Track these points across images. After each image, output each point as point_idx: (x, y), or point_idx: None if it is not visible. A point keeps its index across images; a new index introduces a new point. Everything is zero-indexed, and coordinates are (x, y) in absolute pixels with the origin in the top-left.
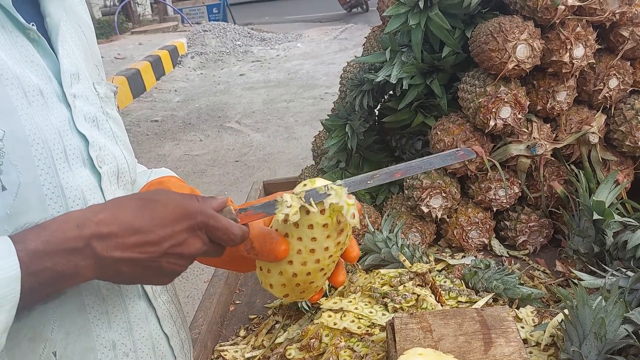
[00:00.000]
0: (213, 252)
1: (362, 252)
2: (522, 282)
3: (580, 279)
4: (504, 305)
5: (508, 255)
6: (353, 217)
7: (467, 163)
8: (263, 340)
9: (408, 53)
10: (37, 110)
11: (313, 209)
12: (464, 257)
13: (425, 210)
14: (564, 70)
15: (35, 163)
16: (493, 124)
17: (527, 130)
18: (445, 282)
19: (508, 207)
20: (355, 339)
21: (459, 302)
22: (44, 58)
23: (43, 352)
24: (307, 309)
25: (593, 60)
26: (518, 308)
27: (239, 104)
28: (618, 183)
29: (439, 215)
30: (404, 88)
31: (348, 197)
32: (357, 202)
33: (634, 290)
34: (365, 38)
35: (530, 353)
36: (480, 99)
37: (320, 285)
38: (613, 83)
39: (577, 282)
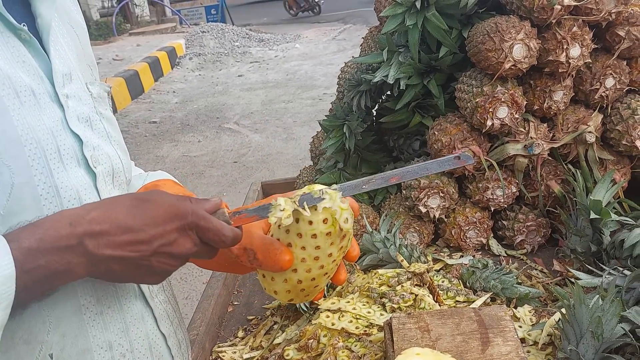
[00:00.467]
0: (204, 253)
1: (360, 252)
2: (519, 281)
3: (578, 278)
4: (502, 305)
5: (506, 255)
6: (346, 221)
7: None
8: (261, 341)
9: (405, 53)
10: (29, 111)
11: (306, 213)
12: (462, 256)
13: (423, 210)
14: (561, 70)
15: (30, 163)
16: (490, 124)
17: (524, 130)
18: (443, 281)
19: (506, 206)
20: (353, 339)
21: (457, 301)
22: (36, 58)
23: (39, 354)
24: (305, 310)
25: (589, 60)
26: (516, 307)
27: (238, 105)
28: (615, 182)
29: (437, 215)
30: (402, 88)
31: (342, 201)
32: (354, 203)
33: (631, 289)
34: (363, 38)
35: (528, 352)
36: (478, 99)
37: (324, 286)
38: (609, 82)
39: (574, 281)
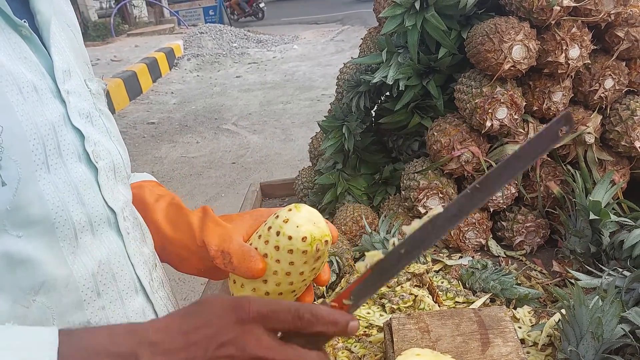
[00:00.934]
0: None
1: (359, 253)
2: (519, 282)
3: (577, 279)
4: (501, 306)
5: (505, 256)
6: (324, 244)
7: (463, 164)
8: None
9: (404, 54)
10: (32, 107)
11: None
12: (461, 257)
13: (423, 211)
14: (560, 71)
15: (32, 158)
16: (489, 125)
17: (523, 131)
18: (443, 282)
19: (505, 207)
20: (353, 340)
21: (457, 302)
22: (37, 55)
23: None
24: None
25: (588, 61)
26: (515, 308)
27: (236, 106)
28: (614, 183)
29: None
30: (401, 89)
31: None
32: (335, 230)
33: (631, 290)
34: (362, 39)
35: (528, 353)
36: (477, 100)
37: None
38: (609, 83)
39: (573, 282)
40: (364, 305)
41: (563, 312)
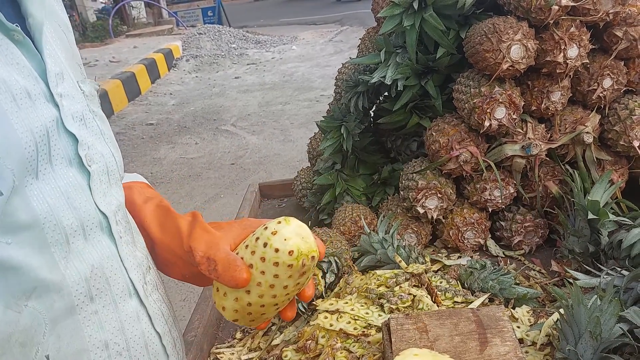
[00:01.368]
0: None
1: (358, 253)
2: (517, 282)
3: (576, 279)
4: (500, 305)
5: (504, 256)
6: (310, 260)
7: (462, 164)
8: (259, 342)
9: (403, 54)
10: (27, 113)
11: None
12: (460, 257)
13: (421, 211)
14: (558, 71)
15: (26, 166)
16: (488, 125)
17: (521, 131)
18: (441, 282)
19: (503, 207)
20: (352, 340)
21: (455, 302)
22: (29, 59)
23: (36, 356)
24: (303, 311)
25: (587, 61)
26: (514, 308)
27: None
28: (612, 183)
29: (435, 216)
30: (399, 89)
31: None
32: (322, 246)
33: (629, 289)
34: (360, 39)
35: (526, 352)
36: (475, 100)
37: (270, 317)
38: (607, 83)
39: (572, 281)
40: (363, 306)
41: (561, 311)
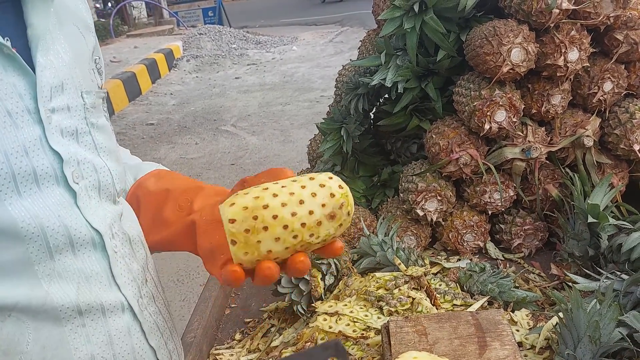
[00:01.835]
0: None
1: (357, 255)
2: (517, 285)
3: (575, 282)
4: (499, 309)
5: (503, 259)
6: (348, 213)
7: (462, 166)
8: (259, 344)
9: (403, 56)
10: (4, 133)
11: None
12: (459, 260)
13: (421, 214)
14: (559, 74)
15: (1, 189)
16: (488, 128)
17: (522, 134)
18: (441, 285)
19: (503, 210)
20: (351, 343)
21: (454, 305)
22: (19, 73)
23: None
24: (302, 313)
25: (587, 64)
26: (513, 311)
27: (235, 107)
28: (613, 186)
29: (434, 219)
30: (399, 91)
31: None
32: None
33: (629, 293)
34: (361, 41)
35: (525, 356)
36: (475, 103)
37: (267, 253)
38: (607, 86)
39: (571, 285)
40: (362, 308)
41: (561, 315)
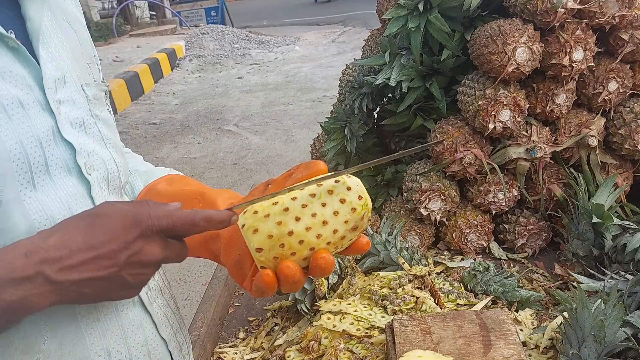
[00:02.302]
0: (175, 253)
1: (361, 254)
2: (521, 285)
3: (580, 282)
4: (503, 308)
5: (507, 258)
6: (367, 218)
7: (466, 166)
8: (262, 342)
9: (407, 56)
10: (18, 124)
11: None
12: (463, 260)
13: (424, 213)
14: (564, 74)
15: (17, 179)
16: (492, 127)
17: (526, 134)
18: (444, 284)
19: (507, 210)
20: (355, 341)
21: (458, 304)
22: (25, 66)
23: None
24: (306, 312)
25: (592, 64)
26: (517, 311)
27: (237, 107)
28: (617, 186)
29: (438, 218)
30: (403, 91)
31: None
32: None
33: (633, 293)
34: (365, 41)
35: (530, 356)
36: (480, 102)
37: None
38: (612, 86)
39: (576, 285)
40: (366, 307)
41: (565, 315)
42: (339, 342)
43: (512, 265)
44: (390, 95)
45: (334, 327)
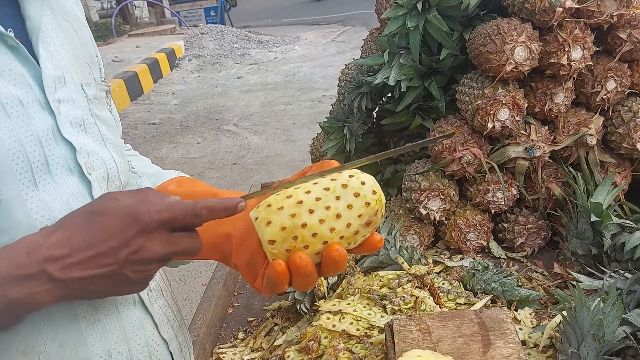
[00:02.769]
0: (185, 246)
1: (359, 254)
2: (520, 284)
3: (579, 281)
4: (503, 307)
5: (506, 257)
6: (380, 214)
7: (465, 165)
8: (262, 343)
9: (406, 55)
10: (17, 122)
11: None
12: (462, 259)
13: (424, 213)
14: (562, 73)
15: (17, 177)
16: (491, 126)
17: (525, 133)
18: (444, 284)
19: (506, 209)
20: (354, 341)
21: (458, 304)
22: (24, 65)
23: None
24: (305, 311)
25: (591, 63)
26: (516, 310)
27: (237, 107)
28: (616, 185)
29: (437, 218)
30: (402, 90)
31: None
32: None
33: (632, 292)
34: (364, 40)
35: (529, 355)
36: (479, 101)
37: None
38: (611, 85)
39: (575, 283)
40: (365, 307)
41: (564, 313)
42: (339, 342)
43: (511, 264)
44: (389, 95)
45: (334, 327)
